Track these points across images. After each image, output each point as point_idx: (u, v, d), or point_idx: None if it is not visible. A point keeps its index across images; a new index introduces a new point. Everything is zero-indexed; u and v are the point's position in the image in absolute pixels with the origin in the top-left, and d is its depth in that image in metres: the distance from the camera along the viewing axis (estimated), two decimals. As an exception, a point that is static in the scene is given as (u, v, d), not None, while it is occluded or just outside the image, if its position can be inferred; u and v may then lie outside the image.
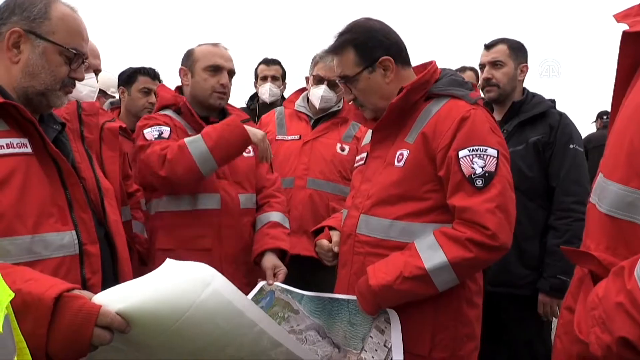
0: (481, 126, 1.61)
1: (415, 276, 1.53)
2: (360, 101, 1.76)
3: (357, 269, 1.71)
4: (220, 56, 2.21)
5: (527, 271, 2.42)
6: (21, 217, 1.26)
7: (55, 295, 1.05)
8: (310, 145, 2.75)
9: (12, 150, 1.28)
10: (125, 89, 3.11)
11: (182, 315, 1.08)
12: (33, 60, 1.35)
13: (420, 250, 1.56)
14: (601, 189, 1.02)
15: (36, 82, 1.36)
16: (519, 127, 2.49)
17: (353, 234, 1.73)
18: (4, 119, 1.30)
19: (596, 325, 0.89)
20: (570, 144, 2.41)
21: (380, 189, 1.69)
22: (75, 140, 1.55)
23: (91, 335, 1.05)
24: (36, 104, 1.39)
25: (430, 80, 1.72)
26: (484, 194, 1.53)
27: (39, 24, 1.35)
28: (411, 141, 1.66)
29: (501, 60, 2.55)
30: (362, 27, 1.72)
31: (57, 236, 1.32)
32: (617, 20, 1.04)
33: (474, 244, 1.51)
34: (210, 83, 2.18)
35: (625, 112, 1.01)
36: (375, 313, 1.62)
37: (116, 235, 1.52)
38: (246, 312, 1.15)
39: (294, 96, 3.02)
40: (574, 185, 2.37)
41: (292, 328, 1.75)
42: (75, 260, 1.34)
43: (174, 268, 1.17)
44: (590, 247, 1.02)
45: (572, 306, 1.09)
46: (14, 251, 1.24)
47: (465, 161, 1.55)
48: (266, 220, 2.22)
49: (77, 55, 1.40)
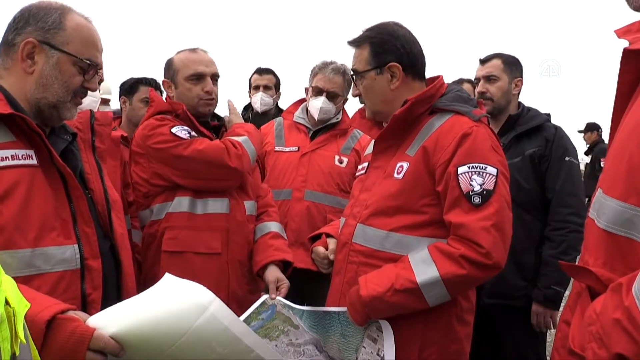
0: (482, 144, 1.61)
1: (407, 289, 1.53)
2: (363, 98, 1.80)
3: (350, 277, 1.71)
4: (200, 62, 2.14)
5: (523, 282, 2.44)
6: (22, 230, 1.24)
7: (48, 317, 1.05)
8: (308, 157, 2.74)
9: (16, 162, 1.27)
10: (126, 99, 3.13)
11: (178, 340, 1.08)
12: (47, 71, 1.35)
13: (414, 263, 1.56)
14: (600, 205, 1.02)
15: (49, 94, 1.36)
16: (515, 140, 2.53)
17: (349, 243, 1.74)
18: (11, 130, 1.29)
19: (593, 341, 0.89)
20: (565, 157, 2.45)
21: (378, 199, 1.69)
22: (86, 150, 1.54)
23: (84, 359, 1.05)
24: (47, 116, 1.39)
25: (436, 95, 1.73)
26: (481, 212, 1.53)
27: (54, 34, 1.35)
28: (412, 154, 1.66)
29: (495, 75, 2.59)
30: (385, 29, 1.74)
31: (59, 250, 1.30)
32: (618, 36, 1.05)
33: (467, 261, 1.50)
34: (195, 92, 2.13)
35: (625, 128, 1.02)
36: (364, 323, 1.62)
37: (122, 249, 1.51)
38: (243, 338, 1.15)
39: (292, 107, 3.00)
40: (569, 197, 2.40)
41: (290, 341, 1.75)
42: (76, 274, 1.33)
43: (172, 287, 1.17)
44: (589, 262, 1.03)
45: (569, 320, 1.09)
46: (13, 264, 1.22)
47: (464, 178, 1.56)
48: (266, 230, 2.21)
49: (91, 65, 1.39)
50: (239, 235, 2.13)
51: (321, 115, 2.78)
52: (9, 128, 1.29)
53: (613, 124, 1.10)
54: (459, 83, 3.67)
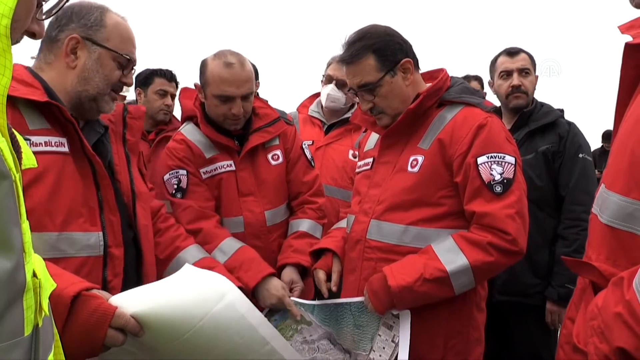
0: (498, 134, 1.63)
1: (436, 278, 1.55)
2: (380, 108, 1.73)
3: (368, 274, 1.70)
4: (231, 83, 1.95)
5: (537, 280, 2.43)
6: (50, 214, 1.30)
7: (74, 293, 1.09)
8: (322, 151, 2.74)
9: (49, 148, 1.34)
10: (141, 91, 3.15)
11: (196, 324, 1.10)
12: (89, 65, 1.42)
13: (439, 253, 1.58)
14: (602, 200, 1.03)
15: (90, 87, 1.43)
16: (528, 136, 2.50)
17: (363, 240, 1.74)
18: (46, 118, 1.36)
19: (595, 335, 0.90)
20: (579, 154, 2.43)
21: (392, 194, 1.70)
22: (116, 141, 1.59)
23: (104, 336, 1.08)
24: (87, 109, 1.46)
25: (443, 88, 1.74)
26: (503, 200, 1.57)
27: (95, 31, 1.43)
28: (426, 147, 1.67)
29: (528, 68, 2.58)
30: (377, 32, 1.71)
31: (84, 236, 1.36)
32: (622, 32, 1.05)
33: (494, 248, 1.54)
34: (222, 110, 2.00)
35: (627, 123, 1.03)
36: (385, 312, 1.63)
37: (144, 239, 1.55)
38: (258, 329, 1.17)
39: (307, 101, 3.01)
40: (583, 195, 2.37)
41: (304, 339, 1.75)
42: (99, 261, 1.38)
43: (193, 275, 1.20)
44: (592, 257, 1.03)
45: (574, 317, 1.10)
46: (40, 246, 1.27)
47: (484, 167, 1.58)
48: (295, 229, 2.15)
49: (129, 61, 1.47)
50: (259, 250, 2.02)
51: (329, 103, 2.77)
52: (44, 116, 1.36)
53: (616, 120, 1.11)
54: (467, 80, 3.67)
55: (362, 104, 1.76)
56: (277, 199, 2.15)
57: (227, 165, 2.07)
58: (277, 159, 2.16)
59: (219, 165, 2.07)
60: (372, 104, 1.73)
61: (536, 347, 2.49)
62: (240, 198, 2.07)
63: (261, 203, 2.09)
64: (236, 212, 2.07)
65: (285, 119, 2.22)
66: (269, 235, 2.10)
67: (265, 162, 2.13)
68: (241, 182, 2.07)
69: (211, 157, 2.07)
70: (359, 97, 1.77)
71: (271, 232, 2.11)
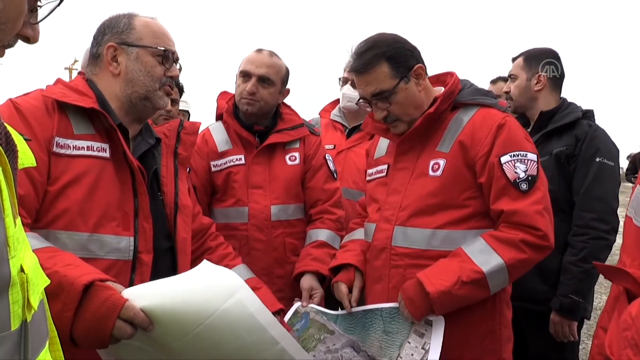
0: (517, 133, 1.66)
1: (473, 280, 1.56)
2: (394, 115, 1.74)
3: (397, 282, 1.70)
4: (252, 62, 2.19)
5: (545, 287, 2.32)
6: (84, 215, 1.34)
7: (86, 282, 1.12)
8: (344, 154, 2.78)
9: (90, 152, 1.40)
10: None
11: (205, 321, 1.11)
12: (130, 67, 1.49)
13: (472, 255, 1.58)
14: (638, 202, 0.97)
15: (138, 87, 1.49)
16: (545, 137, 2.40)
17: (388, 247, 1.73)
18: (93, 124, 1.43)
19: (628, 347, 0.86)
20: (596, 157, 2.28)
21: (416, 199, 1.70)
22: (167, 154, 1.64)
23: (113, 326, 1.10)
24: (141, 109, 1.52)
25: (455, 91, 1.76)
26: (530, 197, 1.59)
27: (127, 34, 1.50)
28: (446, 150, 1.69)
29: (514, 74, 2.54)
30: (386, 40, 1.72)
31: (115, 239, 1.39)
32: None
33: (527, 245, 1.56)
34: (240, 89, 2.20)
35: None
36: (421, 319, 1.62)
37: (181, 252, 1.57)
38: (268, 328, 1.17)
39: (330, 106, 3.05)
40: (595, 202, 2.25)
41: (328, 348, 1.74)
42: (128, 265, 1.41)
43: (206, 272, 1.20)
44: (626, 262, 0.99)
45: (606, 326, 1.06)
46: (70, 245, 1.32)
47: (509, 166, 1.61)
48: (314, 238, 2.18)
49: (167, 51, 1.52)
50: (261, 243, 2.14)
51: (345, 102, 2.83)
52: (92, 122, 1.43)
53: None
54: (495, 82, 3.62)
55: (376, 113, 1.77)
56: (286, 196, 2.20)
57: (237, 159, 2.22)
58: (294, 160, 2.25)
59: (229, 159, 2.22)
60: (387, 112, 1.74)
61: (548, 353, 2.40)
62: (248, 189, 2.17)
63: (269, 197, 2.16)
64: (242, 203, 2.15)
65: (311, 129, 2.34)
66: (272, 230, 2.15)
67: (282, 161, 2.23)
68: (252, 175, 2.18)
69: (223, 151, 2.22)
70: (372, 106, 1.77)
71: (275, 227, 2.16)
